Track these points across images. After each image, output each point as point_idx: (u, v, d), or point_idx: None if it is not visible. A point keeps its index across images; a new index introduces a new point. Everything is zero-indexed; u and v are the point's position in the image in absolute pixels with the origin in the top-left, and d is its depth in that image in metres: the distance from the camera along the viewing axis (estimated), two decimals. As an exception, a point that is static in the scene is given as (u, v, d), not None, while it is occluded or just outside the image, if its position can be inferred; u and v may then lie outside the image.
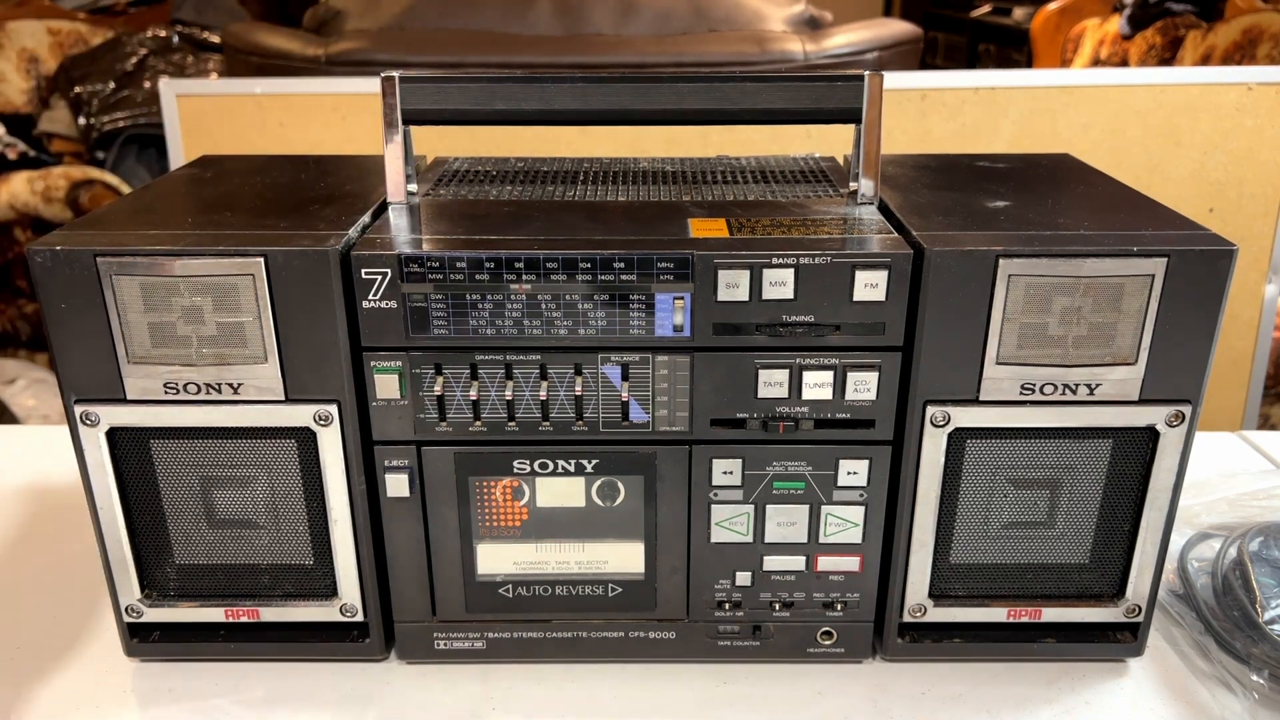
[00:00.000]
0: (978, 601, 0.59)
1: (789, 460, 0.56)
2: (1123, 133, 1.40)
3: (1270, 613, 0.59)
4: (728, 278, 0.51)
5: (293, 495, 0.57)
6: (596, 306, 0.52)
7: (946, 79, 1.41)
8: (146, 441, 0.55)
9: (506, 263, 0.51)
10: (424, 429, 0.55)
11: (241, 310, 0.51)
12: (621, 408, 0.54)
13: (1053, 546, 0.58)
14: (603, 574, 0.59)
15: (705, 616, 0.60)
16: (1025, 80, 1.43)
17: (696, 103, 0.56)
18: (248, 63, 1.71)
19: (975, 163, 0.68)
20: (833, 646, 0.60)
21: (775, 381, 0.54)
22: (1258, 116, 1.39)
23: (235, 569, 0.59)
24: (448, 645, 0.60)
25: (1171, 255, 0.50)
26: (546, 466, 0.56)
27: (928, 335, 0.52)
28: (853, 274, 0.51)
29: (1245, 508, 0.72)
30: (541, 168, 0.70)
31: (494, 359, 0.53)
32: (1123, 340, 0.52)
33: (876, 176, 0.58)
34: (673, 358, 0.53)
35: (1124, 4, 2.69)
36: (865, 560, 0.58)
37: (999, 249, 0.50)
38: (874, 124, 0.57)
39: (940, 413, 0.54)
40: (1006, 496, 0.57)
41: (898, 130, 1.40)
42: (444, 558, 0.58)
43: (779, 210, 0.58)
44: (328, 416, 0.54)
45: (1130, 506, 0.57)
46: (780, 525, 0.57)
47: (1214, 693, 0.58)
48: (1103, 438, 0.55)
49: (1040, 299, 0.51)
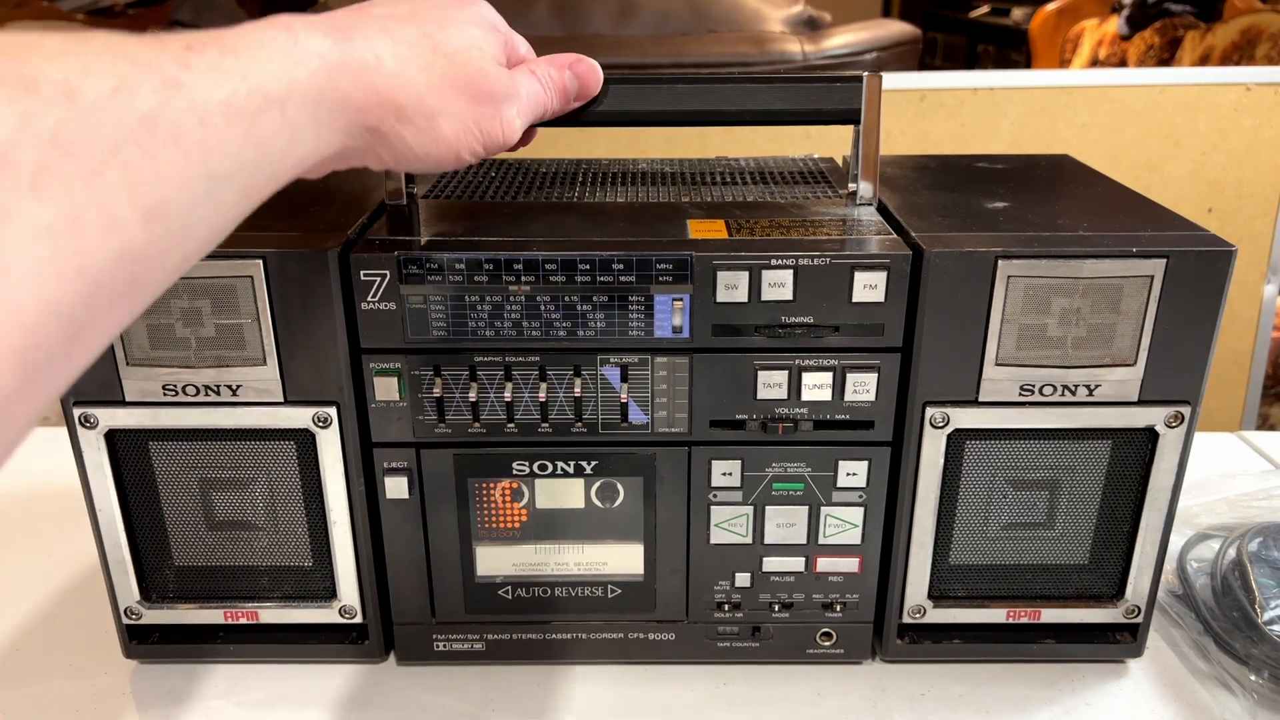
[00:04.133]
0: (977, 602, 0.59)
1: (788, 461, 0.56)
2: (1121, 133, 1.40)
3: (1269, 613, 0.59)
4: (727, 279, 0.51)
5: (292, 497, 0.57)
6: (595, 308, 0.52)
7: (946, 79, 1.41)
8: (145, 443, 0.55)
9: (505, 264, 0.51)
10: (423, 431, 0.55)
11: (240, 312, 0.51)
12: (621, 409, 0.54)
13: (1052, 547, 0.58)
14: (602, 575, 0.59)
15: (705, 618, 0.60)
16: (1024, 81, 1.43)
17: (696, 103, 0.56)
18: (247, 64, 1.71)
19: (974, 163, 0.68)
20: (832, 647, 0.60)
21: (774, 383, 0.53)
22: (1256, 117, 1.39)
23: (234, 571, 0.59)
24: (447, 647, 0.60)
25: (1171, 256, 0.50)
26: (546, 468, 0.56)
27: (927, 336, 0.52)
28: (852, 275, 0.51)
29: (1244, 508, 0.72)
30: (540, 169, 0.70)
31: (493, 360, 0.53)
32: (1122, 341, 0.52)
33: (875, 177, 0.58)
34: (672, 359, 0.53)
35: (1122, 4, 2.69)
36: (865, 561, 0.58)
37: (998, 250, 0.50)
38: (873, 125, 0.57)
39: (939, 414, 0.54)
40: (1006, 497, 0.57)
41: (897, 131, 1.40)
42: (443, 559, 0.58)
43: (778, 211, 0.58)
44: (327, 418, 0.54)
45: (1129, 507, 0.57)
46: (780, 526, 0.57)
47: (1213, 693, 0.58)
48: (1102, 439, 0.55)
49: (1039, 300, 0.51)
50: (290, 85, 0.35)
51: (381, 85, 0.40)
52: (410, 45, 0.42)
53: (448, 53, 0.43)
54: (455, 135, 0.44)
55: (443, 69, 0.43)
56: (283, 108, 0.34)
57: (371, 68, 0.39)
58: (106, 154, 0.27)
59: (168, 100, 0.29)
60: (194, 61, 0.31)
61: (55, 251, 0.25)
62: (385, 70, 0.40)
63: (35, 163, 0.25)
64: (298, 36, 0.37)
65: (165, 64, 0.30)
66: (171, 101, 0.30)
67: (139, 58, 0.29)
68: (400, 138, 0.42)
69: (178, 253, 0.31)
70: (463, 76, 0.44)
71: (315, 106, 0.37)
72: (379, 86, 0.40)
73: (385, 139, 0.41)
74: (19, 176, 0.25)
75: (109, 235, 0.27)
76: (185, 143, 0.30)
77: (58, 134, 0.26)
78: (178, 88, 0.30)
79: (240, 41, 0.34)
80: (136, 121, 0.28)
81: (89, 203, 0.26)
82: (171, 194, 0.29)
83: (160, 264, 0.30)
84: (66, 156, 0.26)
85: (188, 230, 0.31)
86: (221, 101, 0.31)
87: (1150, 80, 1.40)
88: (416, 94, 0.41)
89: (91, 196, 0.26)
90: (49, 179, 0.25)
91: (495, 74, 0.46)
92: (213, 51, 0.32)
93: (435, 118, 0.42)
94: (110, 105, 0.27)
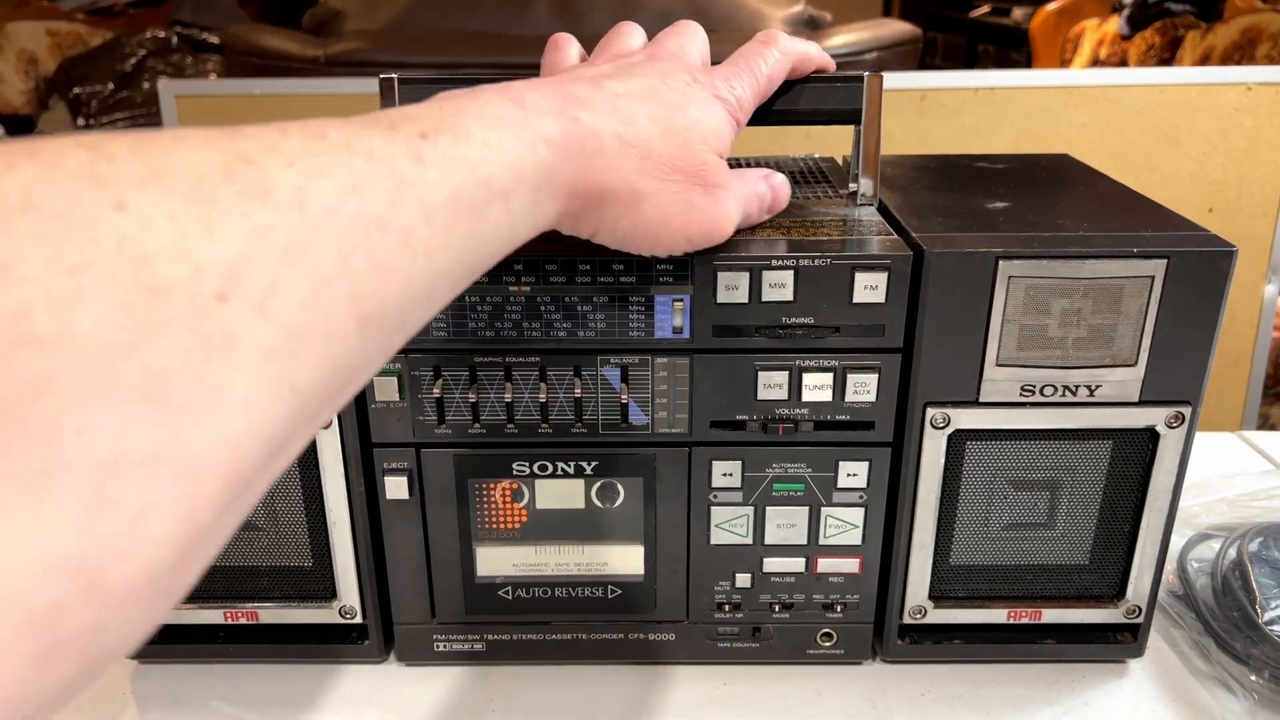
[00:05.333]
0: (978, 603, 0.59)
1: (789, 462, 0.56)
2: (1122, 133, 1.40)
3: (1270, 613, 0.59)
4: (727, 279, 0.51)
5: (292, 497, 0.57)
6: (596, 308, 0.52)
7: (946, 79, 1.41)
8: (145, 444, 0.55)
9: (505, 264, 0.51)
10: (423, 431, 0.55)
11: (240, 312, 0.51)
12: (621, 410, 0.54)
13: (1053, 548, 0.58)
14: (602, 576, 0.59)
15: (705, 618, 0.60)
16: (1025, 80, 1.43)
17: (696, 104, 0.56)
18: (247, 64, 1.71)
19: (975, 163, 0.68)
20: (832, 648, 0.60)
21: (775, 383, 0.53)
22: (1257, 116, 1.39)
23: (234, 571, 0.59)
24: (447, 647, 0.60)
25: (1171, 256, 0.50)
26: (546, 468, 0.56)
27: (927, 337, 0.52)
28: (852, 276, 0.51)
29: (1245, 508, 0.72)
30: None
31: (493, 361, 0.53)
32: (1123, 341, 0.52)
33: (876, 177, 0.58)
34: (672, 360, 0.53)
35: (1123, 4, 2.69)
36: (865, 562, 0.58)
37: (999, 250, 0.50)
38: (873, 124, 0.57)
39: (940, 414, 0.54)
40: (1006, 498, 0.57)
41: (897, 131, 1.40)
42: (443, 560, 0.58)
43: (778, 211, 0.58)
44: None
45: (1130, 507, 0.56)
46: (780, 527, 0.57)
47: (1214, 693, 0.58)
48: (1103, 439, 0.55)
49: (1040, 300, 0.51)
50: (517, 176, 0.33)
51: (597, 169, 0.38)
52: (637, 130, 0.40)
53: (672, 136, 0.41)
54: (661, 217, 0.42)
55: (663, 155, 0.41)
56: (507, 199, 0.33)
57: (592, 151, 0.38)
58: (336, 262, 0.25)
59: (399, 200, 0.27)
60: (427, 154, 0.29)
61: (274, 373, 0.23)
62: (606, 153, 0.38)
63: (266, 280, 0.23)
64: (529, 117, 0.35)
65: (399, 158, 0.28)
66: (402, 201, 0.27)
67: (374, 151, 0.27)
68: (600, 217, 0.40)
69: (385, 356, 0.29)
70: (682, 162, 0.42)
71: (536, 194, 0.35)
72: (594, 170, 0.38)
73: (585, 218, 0.40)
74: (249, 298, 0.23)
75: (326, 350, 0.25)
76: (413, 244, 0.28)
77: (289, 248, 0.24)
78: (409, 186, 0.28)
79: (471, 124, 0.32)
80: (365, 225, 0.26)
81: (313, 318, 0.24)
82: (393, 301, 0.27)
83: (367, 370, 0.28)
84: (297, 270, 0.24)
85: (401, 330, 0.29)
86: (450, 196, 0.29)
87: (1151, 80, 1.40)
88: (626, 179, 0.40)
89: (316, 311, 0.24)
90: (277, 297, 0.23)
91: (715, 164, 0.44)
92: (446, 140, 0.30)
93: (640, 200, 0.41)
94: (342, 209, 0.25)
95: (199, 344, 0.22)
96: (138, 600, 0.22)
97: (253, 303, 0.23)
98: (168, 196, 0.22)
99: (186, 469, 0.22)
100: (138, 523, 0.21)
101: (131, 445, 0.21)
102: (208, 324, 0.22)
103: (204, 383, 0.22)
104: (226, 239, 0.23)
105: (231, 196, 0.23)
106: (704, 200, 0.44)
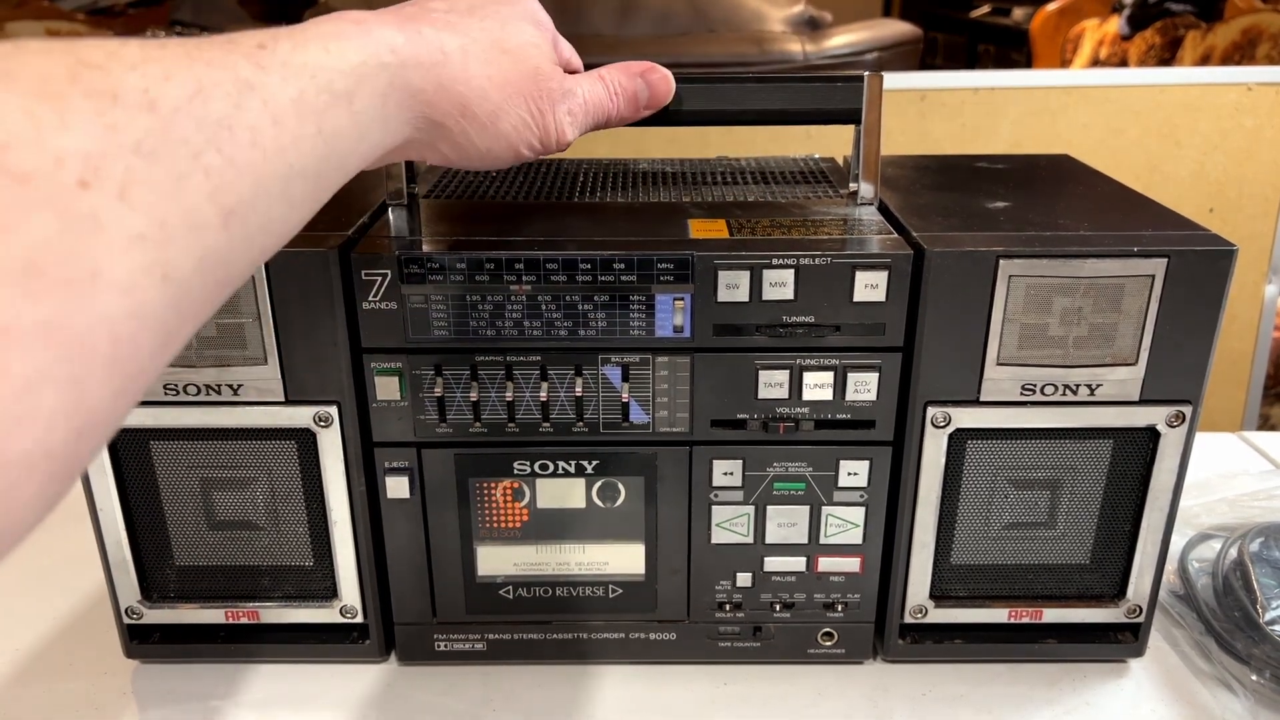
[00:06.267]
0: (979, 602, 0.59)
1: (789, 461, 0.56)
2: (1122, 133, 1.40)
3: (1271, 613, 0.59)
4: (728, 278, 0.51)
5: (293, 497, 0.57)
6: (596, 307, 0.52)
7: (946, 79, 1.41)
8: (146, 443, 0.55)
9: (506, 264, 0.51)
10: (424, 430, 0.55)
11: (241, 311, 0.51)
12: (622, 409, 0.54)
13: (1054, 547, 0.58)
14: (603, 575, 0.59)
15: (706, 618, 0.60)
16: (1025, 81, 1.43)
17: (696, 103, 0.56)
18: (247, 64, 1.71)
19: (975, 163, 0.68)
20: (833, 647, 0.60)
21: (775, 382, 0.53)
22: (1257, 117, 1.39)
23: (235, 570, 0.59)
24: (448, 647, 0.60)
25: (1171, 256, 0.50)
26: (547, 468, 0.56)
27: (928, 336, 0.52)
28: (853, 275, 0.51)
29: (1245, 508, 0.72)
30: (541, 168, 0.70)
31: (494, 360, 0.53)
32: (1123, 341, 0.52)
33: (876, 177, 0.58)
34: (673, 359, 0.53)
35: (1123, 4, 2.69)
36: (866, 561, 0.58)
37: (999, 250, 0.50)
38: (874, 125, 0.57)
39: (941, 413, 0.54)
40: (1007, 497, 0.57)
41: (898, 131, 1.40)
42: (444, 559, 0.58)
43: (779, 211, 0.58)
44: (328, 418, 0.54)
45: (1131, 507, 0.56)
46: (781, 526, 0.57)
47: (1215, 693, 0.58)
48: (1103, 438, 0.55)
49: (1040, 299, 0.51)
50: (359, 79, 0.35)
51: (448, 79, 0.40)
52: (474, 41, 0.42)
53: (508, 49, 0.43)
54: (515, 132, 0.44)
55: (505, 66, 0.43)
56: (350, 101, 0.35)
57: (439, 62, 0.40)
58: (189, 159, 0.27)
59: (243, 102, 0.30)
60: (266, 60, 0.31)
61: (145, 259, 0.25)
62: (452, 64, 0.40)
63: (124, 172, 0.25)
64: (370, 29, 0.37)
65: (240, 65, 0.30)
66: (247, 103, 0.30)
67: (214, 60, 0.29)
68: (464, 133, 0.42)
69: (255, 252, 0.31)
70: (522, 74, 0.44)
71: (383, 99, 0.37)
72: (445, 80, 0.40)
73: (449, 134, 0.42)
74: (109, 186, 0.25)
75: (193, 239, 0.27)
76: (261, 143, 0.30)
77: (142, 143, 0.26)
78: (252, 89, 0.30)
79: (310, 36, 0.34)
80: (215, 125, 0.28)
81: (174, 208, 0.26)
82: (249, 195, 0.29)
83: (239, 264, 0.30)
84: (152, 164, 0.26)
85: (264, 229, 0.31)
86: (292, 99, 0.32)
87: (1151, 80, 1.40)
88: (481, 90, 0.42)
89: (177, 202, 0.27)
90: (137, 187, 0.25)
91: (550, 72, 0.46)
92: (284, 47, 0.33)
93: (498, 115, 0.43)
94: (190, 110, 0.28)
95: (69, 226, 0.23)
96: (30, 474, 0.23)
97: (114, 191, 0.25)
98: (19, 95, 0.24)
99: (72, 342, 0.23)
100: (27, 395, 0.22)
101: (15, 318, 0.22)
102: (74, 208, 0.24)
103: (80, 262, 0.24)
104: (82, 131, 0.24)
105: (79, 96, 0.25)
106: (545, 109, 0.45)
